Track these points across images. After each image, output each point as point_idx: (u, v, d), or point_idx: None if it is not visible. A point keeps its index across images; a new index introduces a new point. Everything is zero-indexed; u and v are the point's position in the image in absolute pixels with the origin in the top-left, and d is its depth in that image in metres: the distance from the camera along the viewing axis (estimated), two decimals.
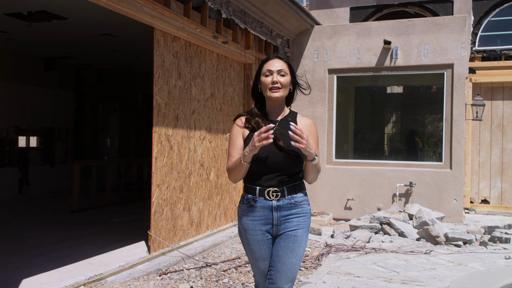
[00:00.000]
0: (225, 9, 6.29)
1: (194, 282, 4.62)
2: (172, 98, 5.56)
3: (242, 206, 2.62)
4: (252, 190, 2.55)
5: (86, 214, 7.95)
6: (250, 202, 2.56)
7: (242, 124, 2.63)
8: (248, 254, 2.65)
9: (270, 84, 2.55)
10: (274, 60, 2.61)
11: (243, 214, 2.60)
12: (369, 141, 9.29)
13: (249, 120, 2.62)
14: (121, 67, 11.80)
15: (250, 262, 2.69)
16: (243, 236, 2.63)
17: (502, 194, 9.33)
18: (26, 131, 10.31)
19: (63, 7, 6.44)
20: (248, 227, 2.58)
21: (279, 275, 2.54)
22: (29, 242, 5.89)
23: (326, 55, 8.71)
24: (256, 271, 2.66)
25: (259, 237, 2.57)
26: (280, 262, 2.54)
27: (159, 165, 5.29)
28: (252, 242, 2.59)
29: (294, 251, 2.55)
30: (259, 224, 2.56)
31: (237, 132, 2.63)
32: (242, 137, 2.60)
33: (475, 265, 5.30)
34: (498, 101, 9.40)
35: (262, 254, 2.60)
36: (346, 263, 5.33)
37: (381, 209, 8.20)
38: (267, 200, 2.53)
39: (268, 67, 2.58)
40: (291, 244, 2.55)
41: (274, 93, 2.56)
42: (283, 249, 2.55)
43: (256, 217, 2.56)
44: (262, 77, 2.60)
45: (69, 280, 4.31)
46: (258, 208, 2.55)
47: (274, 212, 2.54)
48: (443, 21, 8.11)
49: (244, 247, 2.67)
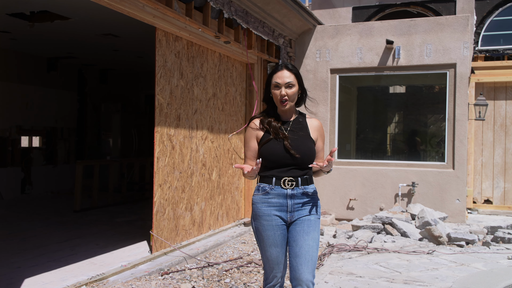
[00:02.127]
0: (227, 9, 6.29)
1: (196, 282, 4.62)
2: (174, 98, 5.57)
3: (257, 195, 2.79)
4: (269, 180, 2.76)
5: (88, 214, 7.96)
6: (266, 189, 2.76)
7: (256, 126, 2.84)
8: (261, 242, 2.77)
9: (279, 97, 2.79)
10: (282, 71, 2.80)
11: (258, 201, 2.78)
12: (371, 141, 9.27)
13: (263, 122, 2.84)
14: (123, 67, 11.81)
15: (261, 251, 2.79)
16: (257, 222, 2.78)
17: (505, 194, 9.30)
18: (29, 131, 10.33)
19: (65, 7, 6.45)
20: (263, 212, 2.75)
21: (299, 259, 2.69)
22: (31, 241, 5.90)
23: (328, 55, 8.70)
24: (267, 260, 2.76)
25: (274, 222, 2.74)
26: (298, 246, 2.71)
27: (161, 165, 5.29)
28: (267, 227, 2.74)
29: (310, 234, 2.74)
30: (274, 209, 2.75)
31: (251, 134, 2.85)
32: (256, 139, 2.82)
33: (477, 265, 5.28)
34: (501, 101, 9.37)
35: (276, 239, 2.74)
36: (348, 263, 5.32)
37: (383, 209, 8.19)
38: (282, 188, 2.74)
39: (276, 80, 2.79)
40: (306, 228, 2.75)
41: (284, 107, 2.81)
42: (299, 233, 2.73)
43: (271, 204, 2.75)
44: (272, 89, 2.83)
45: (71, 280, 4.31)
46: (273, 196, 2.75)
47: (288, 199, 2.75)
48: (446, 20, 8.09)
49: (257, 236, 2.80)
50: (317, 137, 2.88)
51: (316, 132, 2.88)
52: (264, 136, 2.80)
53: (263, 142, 2.79)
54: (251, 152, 2.84)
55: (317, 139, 2.87)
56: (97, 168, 8.74)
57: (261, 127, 2.84)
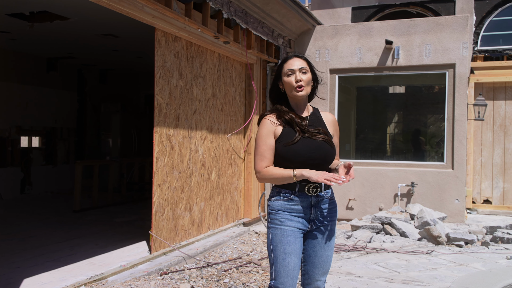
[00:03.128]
0: (227, 9, 6.29)
1: (195, 282, 4.62)
2: (173, 98, 5.57)
3: (278, 200, 2.56)
4: (292, 186, 2.53)
5: (88, 214, 7.96)
6: (288, 196, 2.54)
7: (275, 121, 2.58)
8: (278, 250, 2.53)
9: (294, 83, 2.58)
10: (293, 59, 2.63)
11: (280, 207, 2.55)
12: (371, 141, 9.28)
13: (280, 117, 2.59)
14: (123, 67, 11.82)
15: (276, 261, 2.53)
16: (277, 229, 2.54)
17: (504, 194, 9.31)
18: (29, 131, 10.34)
19: (65, 7, 6.46)
20: (286, 218, 2.54)
21: (317, 270, 2.61)
22: (30, 241, 5.91)
23: (327, 55, 8.70)
24: (282, 271, 2.52)
25: (296, 230, 2.54)
26: (318, 257, 2.60)
27: (160, 165, 5.30)
28: (289, 233, 2.52)
29: (330, 245, 2.64)
30: (297, 217, 2.55)
31: (268, 131, 2.56)
32: (273, 136, 2.56)
33: (476, 265, 5.29)
34: (500, 101, 9.37)
35: (296, 247, 2.54)
36: (347, 263, 5.33)
37: (382, 209, 8.19)
38: (307, 195, 2.54)
39: (289, 67, 2.60)
40: (327, 238, 2.63)
41: (300, 92, 2.59)
42: (319, 244, 2.61)
43: (294, 210, 2.55)
44: (285, 78, 2.61)
45: (70, 280, 4.32)
46: (297, 202, 2.54)
47: (312, 207, 2.56)
48: (445, 21, 8.10)
49: (273, 243, 2.55)
50: (333, 133, 2.71)
51: (332, 128, 2.72)
52: (285, 133, 2.54)
53: (287, 141, 2.52)
54: (268, 151, 2.54)
55: (333, 135, 2.70)
56: (97, 168, 8.75)
57: (280, 123, 2.57)
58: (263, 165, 2.54)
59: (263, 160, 2.55)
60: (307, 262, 2.62)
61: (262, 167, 2.54)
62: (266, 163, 2.54)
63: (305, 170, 2.43)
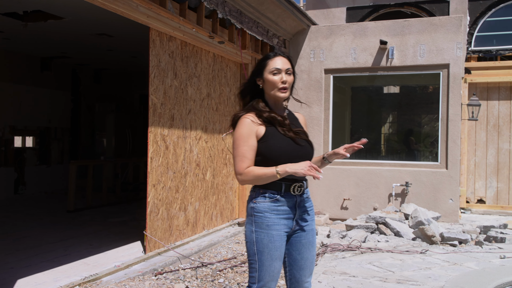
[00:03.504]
0: (221, 9, 6.29)
1: (189, 282, 4.62)
2: (168, 98, 5.56)
3: (264, 202, 2.46)
4: (277, 186, 2.45)
5: (82, 214, 7.94)
6: (275, 197, 2.46)
7: (256, 121, 2.47)
8: (266, 254, 2.45)
9: (280, 83, 2.51)
10: (279, 57, 2.55)
11: (267, 209, 2.45)
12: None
13: (260, 116, 2.49)
14: (117, 67, 11.79)
15: (264, 265, 2.45)
16: (263, 233, 2.45)
17: (498, 194, 9.36)
18: (22, 131, 10.29)
19: (59, 7, 6.43)
20: (274, 221, 2.45)
21: (303, 272, 2.56)
22: (24, 242, 5.88)
23: (322, 55, 8.72)
24: (269, 274, 2.46)
25: (283, 232, 2.48)
26: (304, 259, 2.55)
27: (155, 165, 5.29)
28: (277, 238, 2.45)
29: (313, 244, 2.60)
30: (283, 219, 2.48)
31: (250, 131, 2.44)
32: (255, 137, 2.45)
33: (470, 264, 5.31)
34: (494, 101, 9.42)
35: (282, 251, 2.49)
36: (341, 263, 5.34)
37: (377, 209, 8.21)
38: (292, 195, 2.49)
39: (275, 65, 2.52)
40: (311, 238, 2.58)
41: (284, 93, 2.53)
42: (304, 245, 2.55)
43: (280, 212, 2.47)
44: (269, 75, 2.52)
45: (64, 280, 4.30)
46: (283, 203, 2.47)
47: (297, 206, 2.52)
48: (439, 21, 8.13)
49: (260, 248, 2.45)
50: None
51: (305, 127, 2.69)
52: (270, 133, 2.45)
53: (273, 141, 2.45)
54: (250, 151, 2.44)
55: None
56: (91, 168, 8.72)
57: (261, 122, 2.48)
58: (245, 166, 2.43)
59: (244, 161, 2.43)
60: (293, 266, 2.55)
61: (244, 168, 2.43)
62: (248, 164, 2.43)
63: (288, 166, 2.35)
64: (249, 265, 2.52)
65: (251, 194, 2.55)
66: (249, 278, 2.52)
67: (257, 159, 2.47)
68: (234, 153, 2.47)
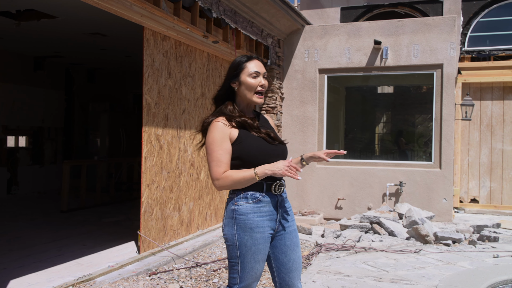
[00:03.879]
0: (216, 9, 6.28)
1: (184, 282, 4.61)
2: (162, 98, 5.55)
3: (246, 204, 2.42)
4: (258, 186, 2.43)
5: (75, 214, 7.90)
6: (257, 197, 2.43)
7: (228, 124, 2.44)
8: (249, 257, 2.41)
9: (258, 86, 2.51)
10: (257, 61, 2.56)
11: (249, 211, 2.41)
12: (359, 141, 9.32)
13: (231, 119, 2.47)
14: (111, 67, 11.74)
15: (247, 267, 2.42)
16: (247, 235, 2.40)
17: (491, 193, 9.41)
18: (15, 130, 10.23)
19: (52, 5, 6.40)
20: (257, 223, 2.41)
21: (293, 274, 2.52)
22: (17, 242, 5.84)
23: (316, 55, 8.72)
24: (252, 276, 2.44)
25: (267, 234, 2.44)
26: (291, 261, 2.52)
27: (149, 164, 5.27)
28: (260, 240, 2.42)
29: (297, 244, 2.57)
30: (266, 220, 2.45)
31: (224, 134, 2.41)
32: (229, 140, 2.42)
33: (464, 263, 5.33)
34: (487, 101, 9.47)
35: (265, 253, 2.46)
36: (336, 263, 5.35)
37: (371, 209, 8.23)
38: (273, 194, 2.47)
39: (255, 68, 2.51)
40: (295, 238, 2.56)
41: (260, 99, 2.54)
42: (290, 247, 2.53)
43: (263, 213, 2.44)
44: (248, 78, 2.51)
45: (57, 281, 4.28)
46: (265, 204, 2.45)
47: (278, 207, 2.50)
48: (433, 21, 8.16)
49: (243, 251, 2.41)
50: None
51: (275, 129, 2.72)
52: (243, 136, 2.43)
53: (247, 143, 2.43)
54: (225, 155, 2.40)
55: None
56: (85, 168, 8.68)
57: (233, 125, 2.45)
58: (221, 171, 2.39)
59: (220, 166, 2.39)
60: (281, 270, 2.52)
61: (220, 173, 2.39)
62: (224, 168, 2.39)
63: (267, 167, 2.35)
64: (229, 266, 2.48)
65: (230, 196, 2.50)
66: (230, 279, 2.47)
67: (234, 162, 2.43)
68: (209, 158, 2.43)
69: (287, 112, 8.80)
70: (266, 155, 2.44)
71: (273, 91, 8.30)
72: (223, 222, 2.52)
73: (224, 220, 2.51)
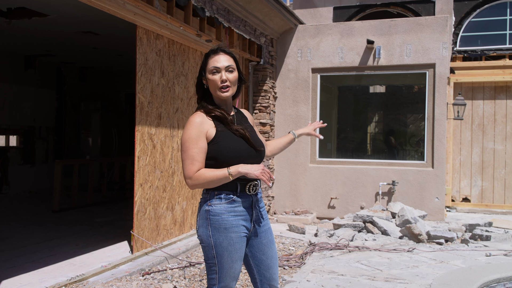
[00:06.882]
0: (209, 7, 6.26)
1: (177, 282, 4.59)
2: (155, 97, 5.52)
3: (220, 204, 2.39)
4: (232, 186, 2.39)
5: (67, 214, 7.84)
6: (231, 197, 2.40)
7: (205, 122, 2.40)
8: (226, 257, 2.40)
9: (219, 83, 2.43)
10: (219, 54, 2.45)
11: (223, 211, 2.39)
12: (352, 140, 9.34)
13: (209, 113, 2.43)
14: (103, 66, 11.67)
15: (224, 267, 2.41)
16: (222, 236, 2.38)
17: (483, 192, 9.47)
18: (6, 130, 10.13)
19: (43, 4, 6.34)
20: (232, 223, 2.39)
21: (272, 270, 2.55)
22: (9, 242, 5.79)
23: (309, 54, 8.73)
24: (230, 275, 2.43)
25: (242, 234, 2.43)
26: (269, 258, 2.55)
27: (142, 164, 5.24)
28: (236, 240, 2.40)
29: (274, 243, 2.61)
30: (241, 219, 2.42)
31: (199, 132, 2.37)
32: (206, 138, 2.38)
33: (456, 262, 5.36)
34: (479, 101, 9.53)
35: (242, 252, 2.45)
36: (330, 262, 5.35)
37: (364, 208, 8.25)
38: (247, 194, 2.44)
39: (214, 64, 2.43)
40: (270, 236, 2.58)
41: (225, 93, 2.44)
42: (266, 245, 2.54)
43: (238, 213, 2.42)
44: (209, 75, 2.44)
45: (50, 281, 4.24)
46: (239, 204, 2.42)
47: (253, 207, 2.48)
48: (425, 21, 8.19)
49: (219, 251, 2.39)
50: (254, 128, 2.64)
51: (253, 125, 2.64)
52: (220, 134, 2.39)
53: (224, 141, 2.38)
54: (200, 154, 2.35)
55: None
56: (77, 167, 8.62)
57: (210, 123, 2.41)
58: (195, 169, 2.35)
59: (194, 164, 2.34)
60: (260, 267, 2.53)
61: (194, 172, 2.35)
62: (198, 167, 2.35)
63: (241, 166, 2.32)
64: (207, 267, 2.46)
65: (204, 197, 2.46)
66: (209, 279, 2.46)
67: (209, 162, 2.39)
68: (183, 156, 2.38)
69: (280, 111, 8.79)
70: (242, 157, 2.39)
71: (266, 91, 8.30)
72: (197, 223, 2.48)
73: (198, 221, 2.47)
